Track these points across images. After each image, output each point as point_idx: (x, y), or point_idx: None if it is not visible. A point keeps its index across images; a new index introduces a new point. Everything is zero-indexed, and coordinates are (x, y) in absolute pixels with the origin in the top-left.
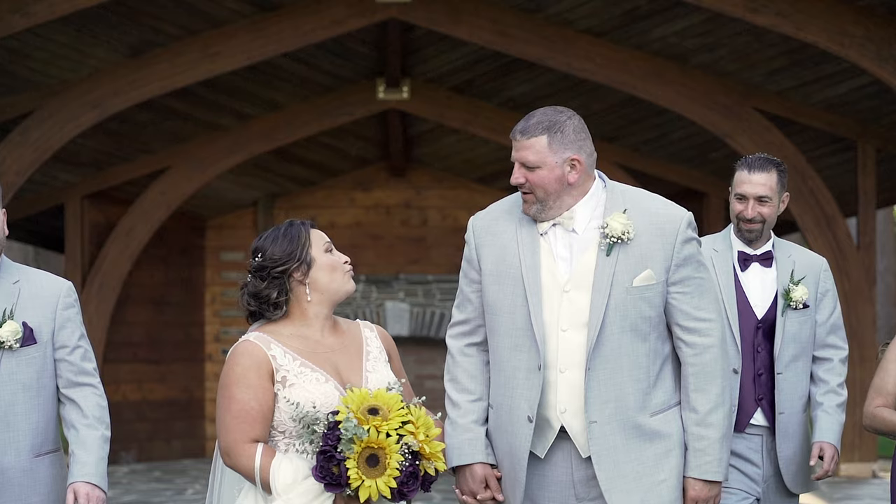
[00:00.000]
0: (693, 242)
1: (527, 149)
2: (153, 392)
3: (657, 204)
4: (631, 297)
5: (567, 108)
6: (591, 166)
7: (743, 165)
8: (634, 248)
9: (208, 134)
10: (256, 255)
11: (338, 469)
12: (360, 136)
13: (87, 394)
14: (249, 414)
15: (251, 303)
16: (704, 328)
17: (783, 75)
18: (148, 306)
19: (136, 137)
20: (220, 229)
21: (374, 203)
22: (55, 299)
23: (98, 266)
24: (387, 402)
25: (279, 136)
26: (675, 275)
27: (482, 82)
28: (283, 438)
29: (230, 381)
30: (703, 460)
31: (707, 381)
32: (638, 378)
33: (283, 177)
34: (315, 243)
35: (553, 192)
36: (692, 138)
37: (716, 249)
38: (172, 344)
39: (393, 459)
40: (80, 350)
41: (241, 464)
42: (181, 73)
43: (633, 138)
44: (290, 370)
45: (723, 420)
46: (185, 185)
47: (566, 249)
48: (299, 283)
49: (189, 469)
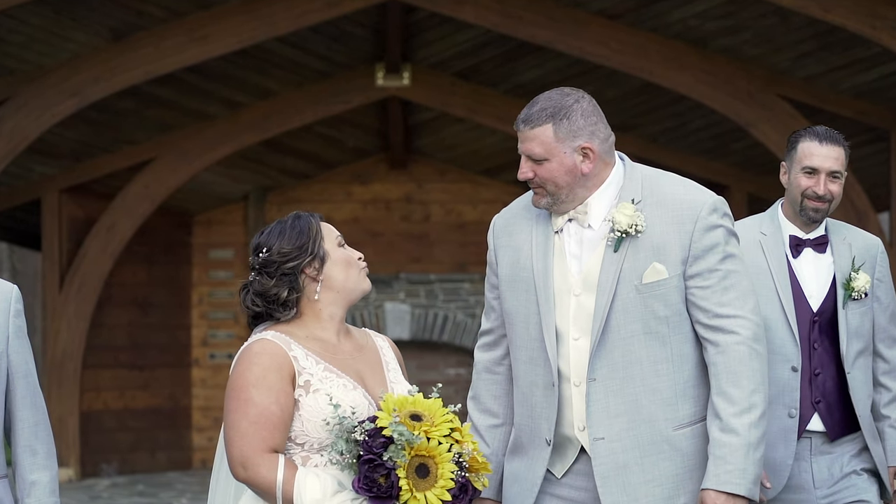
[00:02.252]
0: (718, 230)
1: (531, 140)
2: (136, 400)
3: (679, 189)
4: (642, 297)
5: (576, 89)
6: (608, 152)
7: (811, 135)
8: (646, 240)
9: (195, 123)
10: (260, 250)
11: (385, 479)
12: (358, 126)
13: (41, 428)
14: (270, 420)
15: (257, 303)
16: (728, 325)
17: (810, 60)
18: (130, 308)
19: (117, 127)
20: (208, 225)
21: (372, 197)
22: (6, 305)
23: (77, 265)
24: (429, 409)
25: (271, 126)
26: (693, 267)
27: (488, 68)
28: (300, 451)
29: (246, 382)
30: (722, 469)
31: (731, 383)
32: (656, 388)
33: (276, 169)
34: (327, 236)
35: (565, 185)
36: (712, 128)
37: (763, 233)
38: (157, 348)
39: (445, 469)
40: (32, 369)
41: (259, 476)
42: (166, 58)
43: (650, 128)
44: (313, 374)
45: (749, 427)
46: (171, 178)
47: (579, 247)
48: (312, 281)
49: (174, 482)
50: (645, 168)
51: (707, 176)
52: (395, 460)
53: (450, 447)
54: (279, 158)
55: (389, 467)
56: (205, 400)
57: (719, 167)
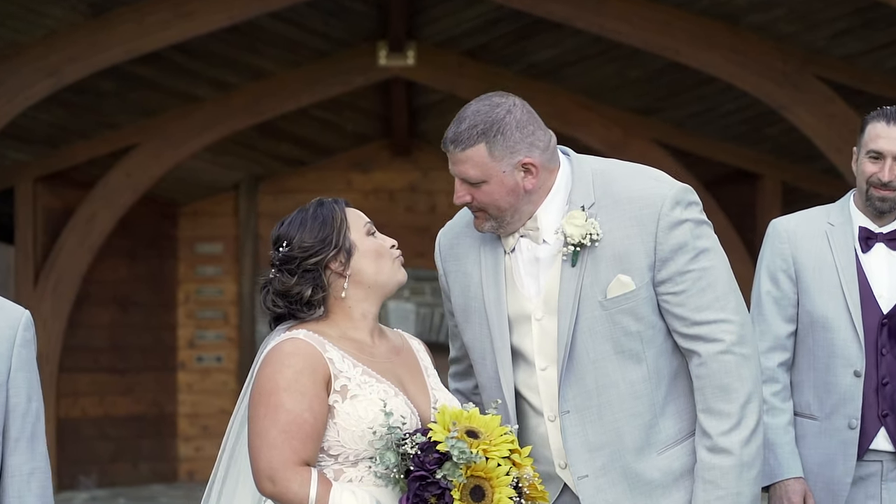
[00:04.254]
0: (684, 226)
1: (463, 163)
2: (117, 406)
3: (634, 184)
4: (608, 313)
5: (504, 96)
6: (550, 159)
7: (880, 116)
8: (605, 249)
9: (182, 106)
10: (280, 244)
11: (437, 500)
12: (358, 109)
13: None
14: (303, 428)
15: (278, 304)
16: (709, 333)
17: (850, 38)
18: (111, 306)
19: (97, 110)
20: (196, 217)
21: (374, 187)
22: (12, 332)
23: (53, 259)
24: (486, 426)
25: (264, 109)
26: (662, 272)
27: (499, 46)
28: (332, 464)
29: (276, 385)
30: (713, 495)
31: (718, 398)
32: (637, 412)
33: (269, 156)
34: (354, 225)
35: (508, 207)
36: (743, 112)
37: (831, 223)
38: (139, 350)
39: (503, 494)
40: (34, 408)
41: (290, 492)
42: (150, 35)
43: (676, 112)
44: (351, 378)
45: (742, 444)
46: (155, 165)
47: (535, 266)
48: (338, 276)
49: (158, 496)
50: (594, 161)
51: (738, 164)
52: (451, 479)
53: (508, 470)
54: (273, 144)
55: (443, 486)
56: (192, 406)
57: (751, 154)
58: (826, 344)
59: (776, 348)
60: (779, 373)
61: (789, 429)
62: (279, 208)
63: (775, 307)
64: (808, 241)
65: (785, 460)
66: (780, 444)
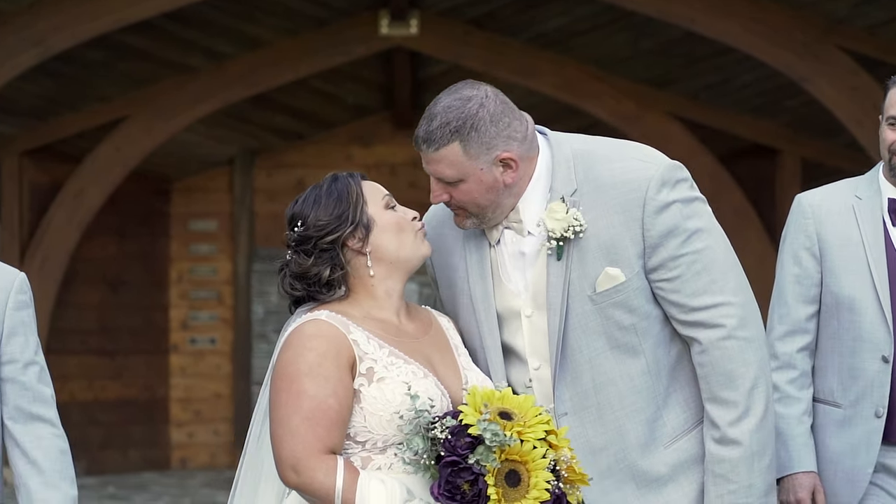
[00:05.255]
0: (673, 208)
1: (438, 162)
2: (106, 391)
3: (616, 167)
4: (599, 307)
5: (474, 86)
6: (530, 148)
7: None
8: (591, 240)
9: (174, 77)
10: (295, 223)
11: (470, 486)
12: (359, 80)
13: (42, 434)
14: (327, 414)
15: (296, 287)
16: (709, 318)
17: (873, 7)
18: (100, 286)
19: (86, 81)
20: (189, 193)
21: (375, 161)
22: (4, 295)
23: (40, 237)
24: (520, 406)
25: (260, 80)
26: (652, 259)
27: (507, 14)
28: (359, 451)
29: (298, 370)
30: (724, 489)
31: (723, 385)
32: (639, 407)
33: (266, 129)
34: (371, 198)
35: (489, 203)
36: (762, 83)
37: (859, 196)
38: (130, 332)
39: (539, 478)
40: (36, 368)
41: (315, 482)
42: (141, 3)
43: (691, 83)
44: (377, 360)
45: (751, 433)
46: (146, 139)
47: (521, 260)
48: (358, 254)
49: (150, 484)
50: (574, 141)
51: (755, 138)
52: (484, 464)
53: (544, 452)
54: (269, 117)
55: (476, 472)
56: (184, 391)
57: (769, 128)
58: (852, 327)
59: (795, 332)
60: (797, 358)
61: (803, 419)
62: (276, 184)
63: (797, 287)
64: (833, 217)
65: (796, 453)
66: (792, 436)
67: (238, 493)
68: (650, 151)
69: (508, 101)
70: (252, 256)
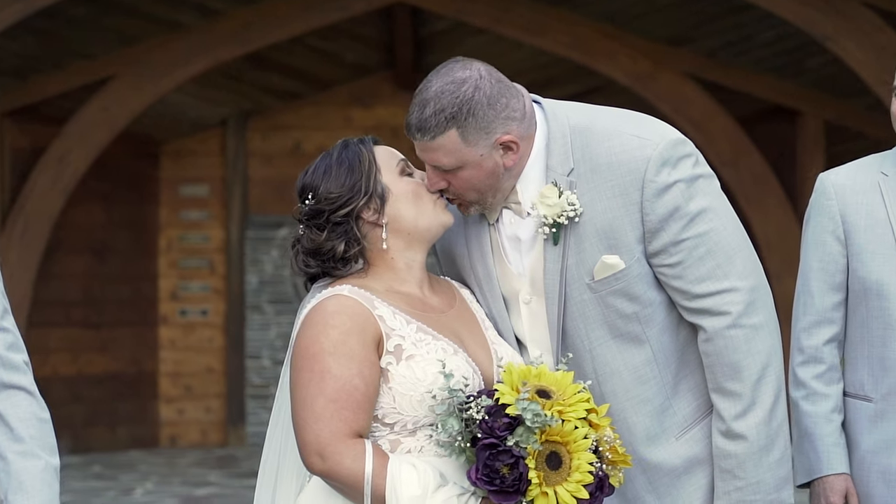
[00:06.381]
0: (674, 189)
1: (434, 150)
2: (92, 364)
3: (614, 144)
4: (598, 296)
5: (466, 67)
6: (529, 125)
7: None
8: (588, 225)
9: (163, 34)
10: (305, 196)
11: (509, 470)
12: (358, 38)
13: (18, 403)
14: (353, 396)
15: (310, 263)
16: (713, 305)
17: None
18: (85, 255)
19: (70, 38)
20: (179, 156)
21: (376, 123)
22: None
23: (22, 203)
24: (557, 383)
25: (254, 38)
26: (653, 243)
27: None
28: (387, 433)
29: (322, 349)
30: (732, 486)
31: (728, 376)
32: (646, 397)
33: (260, 89)
34: (385, 165)
35: (489, 189)
36: (783, 41)
37: (885, 173)
38: (117, 303)
39: (581, 460)
40: (8, 336)
41: (342, 468)
42: None
43: (709, 41)
44: (404, 336)
45: (758, 426)
46: (134, 99)
47: (517, 243)
48: (374, 226)
49: (137, 462)
50: (571, 113)
51: (776, 99)
52: (524, 446)
53: (586, 433)
54: (263, 76)
55: (517, 455)
56: (174, 365)
57: (790, 88)
58: (881, 314)
59: (821, 323)
60: (824, 351)
61: (833, 417)
62: (270, 147)
63: (821, 274)
64: (858, 196)
65: (825, 454)
66: (820, 435)
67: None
68: (651, 126)
69: (502, 77)
70: (245, 223)
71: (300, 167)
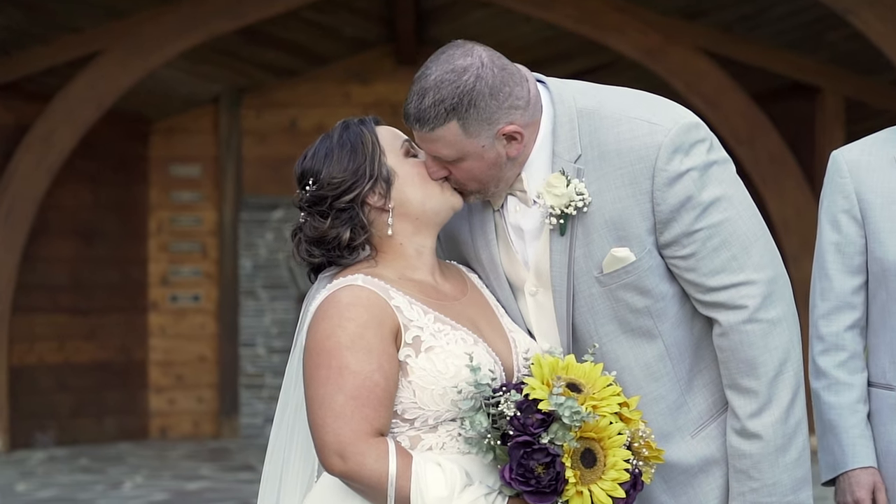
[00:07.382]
0: (686, 178)
1: (434, 142)
2: (79, 353)
3: (623, 130)
4: (608, 289)
5: (466, 54)
6: (533, 112)
7: None
8: (597, 215)
9: (153, 7)
10: (306, 181)
11: (544, 469)
12: (357, 11)
13: None
14: (374, 392)
15: (314, 253)
16: (728, 299)
17: None
18: (72, 238)
19: (56, 11)
20: (170, 135)
21: (375, 100)
22: None
23: (5, 184)
24: (586, 376)
25: (248, 11)
26: (665, 234)
27: None
28: (407, 430)
29: (338, 343)
30: (746, 487)
31: (743, 373)
32: (659, 395)
33: (254, 65)
34: (389, 147)
35: (491, 179)
36: (801, 15)
37: None
38: (105, 288)
39: (617, 457)
40: None
41: (365, 468)
42: None
43: (724, 14)
44: (423, 327)
45: (774, 425)
46: (123, 75)
47: (523, 232)
48: (380, 211)
49: (126, 455)
50: (579, 95)
51: (794, 75)
52: (560, 444)
53: (620, 428)
54: (258, 51)
55: (553, 453)
56: (164, 353)
57: (809, 64)
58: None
59: (841, 308)
60: (846, 338)
61: (858, 408)
62: (265, 125)
63: (839, 257)
64: (874, 173)
65: (850, 447)
66: (845, 427)
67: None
68: (662, 109)
69: (506, 62)
70: (239, 205)
71: (296, 146)
